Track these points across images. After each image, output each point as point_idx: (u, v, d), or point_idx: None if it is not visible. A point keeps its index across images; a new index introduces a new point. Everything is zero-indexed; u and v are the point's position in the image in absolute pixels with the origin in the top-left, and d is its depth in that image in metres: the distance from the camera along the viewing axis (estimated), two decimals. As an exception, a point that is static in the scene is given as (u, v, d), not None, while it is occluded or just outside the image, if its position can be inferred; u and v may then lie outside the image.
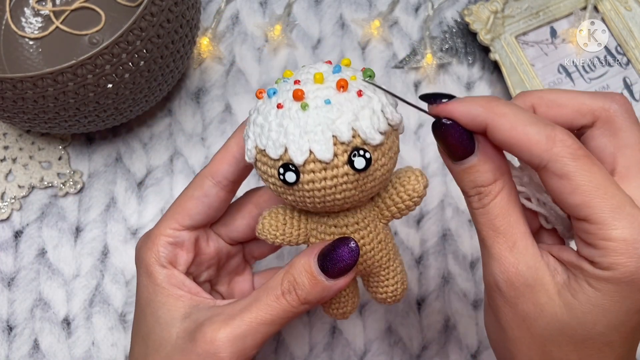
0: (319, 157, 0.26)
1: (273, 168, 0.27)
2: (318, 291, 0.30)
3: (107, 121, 0.44)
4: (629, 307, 0.25)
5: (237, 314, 0.30)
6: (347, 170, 0.27)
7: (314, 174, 0.27)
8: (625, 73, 0.51)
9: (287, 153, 0.26)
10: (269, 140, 0.27)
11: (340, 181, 0.27)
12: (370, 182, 0.28)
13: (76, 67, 0.37)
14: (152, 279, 0.33)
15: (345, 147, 0.26)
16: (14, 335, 0.45)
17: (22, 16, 0.50)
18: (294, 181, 0.27)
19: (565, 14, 0.52)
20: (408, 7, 0.53)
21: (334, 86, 0.27)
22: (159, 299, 0.32)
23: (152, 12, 0.39)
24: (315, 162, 0.26)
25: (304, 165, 0.26)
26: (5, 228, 0.47)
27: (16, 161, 0.49)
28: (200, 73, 0.51)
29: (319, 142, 0.26)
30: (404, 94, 0.51)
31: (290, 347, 0.45)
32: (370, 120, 0.27)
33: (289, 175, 0.27)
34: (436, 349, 0.46)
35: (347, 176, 0.27)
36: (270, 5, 0.53)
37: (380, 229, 0.31)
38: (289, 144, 0.26)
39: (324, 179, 0.27)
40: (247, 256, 0.39)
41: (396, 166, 0.31)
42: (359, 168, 0.26)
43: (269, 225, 0.31)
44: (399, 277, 0.33)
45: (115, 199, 0.48)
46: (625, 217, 0.24)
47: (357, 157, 0.26)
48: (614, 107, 0.27)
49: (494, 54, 0.50)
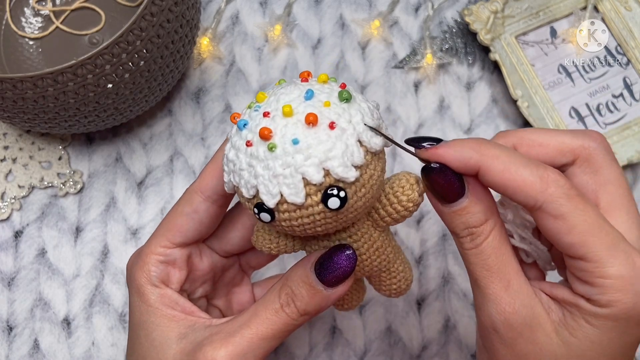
0: (290, 201, 0.25)
1: (249, 204, 0.27)
2: (317, 301, 0.29)
3: (107, 121, 0.44)
4: (626, 342, 0.25)
5: (236, 331, 0.29)
6: (322, 209, 0.25)
7: (289, 214, 0.26)
8: (625, 73, 0.51)
9: (259, 195, 0.26)
10: (241, 179, 0.26)
11: (318, 218, 0.26)
12: (351, 214, 0.27)
13: (76, 67, 0.37)
14: (144, 299, 0.32)
15: (318, 188, 0.25)
16: (14, 335, 0.45)
17: (22, 16, 0.50)
18: (269, 221, 0.26)
19: (565, 14, 0.52)
20: (408, 7, 0.53)
21: (303, 120, 0.25)
22: (152, 319, 0.31)
23: (152, 12, 0.39)
24: (288, 204, 0.25)
25: (277, 206, 0.25)
26: (5, 228, 0.47)
27: (16, 161, 0.49)
28: (200, 73, 0.51)
29: (288, 186, 0.25)
30: (404, 94, 0.51)
31: (290, 347, 0.45)
32: (343, 158, 0.25)
33: (263, 215, 0.26)
34: (436, 349, 0.46)
35: (323, 214, 0.26)
36: (270, 5, 0.53)
37: (376, 237, 0.30)
38: (259, 186, 0.25)
39: (300, 217, 0.26)
40: (244, 266, 0.38)
41: (394, 168, 0.30)
42: (333, 208, 0.25)
43: (262, 239, 0.31)
44: (402, 275, 0.33)
45: (115, 199, 0.48)
46: (621, 254, 0.24)
47: (331, 197, 0.25)
48: (593, 145, 0.27)
49: (494, 54, 0.50)
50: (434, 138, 0.28)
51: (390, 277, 0.33)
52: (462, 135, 0.50)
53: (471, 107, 0.51)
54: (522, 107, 0.49)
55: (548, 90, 0.50)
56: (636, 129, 0.49)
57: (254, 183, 0.25)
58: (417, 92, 0.51)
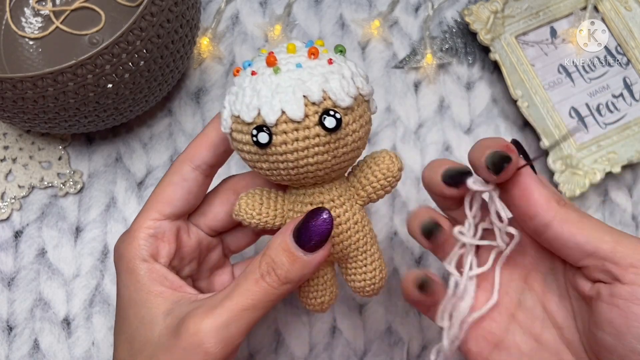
0: (291, 116, 0.27)
1: (247, 134, 0.28)
2: (298, 268, 0.29)
3: (107, 121, 0.44)
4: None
5: (218, 303, 0.29)
6: (318, 131, 0.27)
7: (286, 135, 0.27)
8: (625, 73, 0.51)
9: (260, 115, 0.27)
10: (242, 105, 0.28)
11: (312, 142, 0.28)
12: (342, 148, 0.29)
13: (76, 67, 0.37)
14: (133, 275, 0.32)
15: (316, 108, 0.27)
16: (14, 335, 0.45)
17: (22, 16, 0.50)
18: (266, 142, 0.28)
19: (565, 14, 0.52)
20: (408, 7, 0.53)
21: (306, 54, 0.28)
22: (140, 296, 0.31)
23: (152, 12, 0.39)
24: (287, 122, 0.27)
25: (277, 125, 0.27)
26: (5, 228, 0.47)
27: (16, 161, 0.49)
28: (200, 73, 0.51)
29: (289, 102, 0.27)
30: (404, 94, 0.51)
31: (290, 347, 0.45)
32: (340, 84, 0.28)
33: (261, 136, 0.27)
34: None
35: (318, 137, 0.28)
36: (270, 5, 0.53)
37: (356, 209, 0.32)
38: (261, 105, 0.27)
39: (296, 140, 0.27)
40: (225, 250, 0.39)
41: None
42: (329, 127, 0.27)
43: (245, 205, 0.32)
44: (377, 263, 0.33)
45: (115, 199, 0.48)
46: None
47: (328, 117, 0.27)
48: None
49: (494, 54, 0.50)
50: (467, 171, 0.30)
51: (365, 262, 0.33)
52: (462, 135, 0.50)
53: (471, 107, 0.51)
54: (522, 107, 0.49)
55: (548, 90, 0.50)
56: (636, 129, 0.49)
57: (256, 104, 0.28)
58: (417, 92, 0.51)
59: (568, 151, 0.48)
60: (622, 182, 0.50)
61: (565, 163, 0.48)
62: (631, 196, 0.49)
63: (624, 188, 0.50)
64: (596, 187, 0.49)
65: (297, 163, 0.28)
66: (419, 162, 0.49)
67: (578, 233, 0.28)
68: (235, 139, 0.30)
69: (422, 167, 0.49)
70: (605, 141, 0.49)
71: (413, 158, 0.49)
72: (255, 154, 0.29)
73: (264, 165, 0.29)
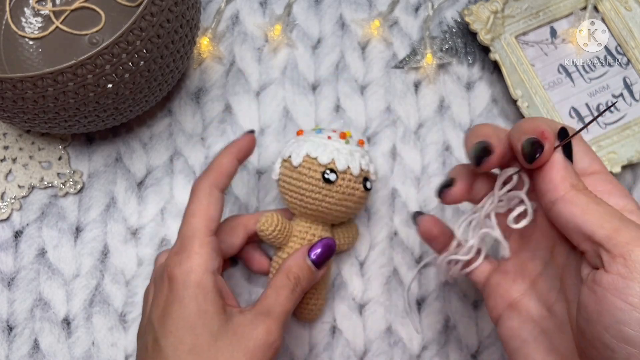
0: (351, 172, 0.41)
1: (319, 172, 0.41)
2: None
3: (107, 121, 0.44)
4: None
5: (271, 310, 0.36)
6: (359, 186, 0.41)
7: (343, 181, 0.41)
8: (625, 73, 0.51)
9: (334, 162, 0.41)
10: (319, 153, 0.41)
11: (351, 189, 0.41)
12: (361, 204, 0.43)
13: (76, 67, 0.37)
14: (206, 288, 0.35)
15: (360, 174, 0.41)
16: (14, 335, 0.45)
17: (22, 16, 0.50)
18: (334, 180, 0.40)
19: (565, 14, 0.52)
20: (408, 7, 0.53)
21: (356, 142, 0.43)
22: (211, 307, 0.34)
23: (152, 12, 0.39)
24: (348, 174, 0.41)
25: (342, 173, 0.41)
26: (5, 228, 0.47)
27: (16, 161, 0.49)
28: (200, 73, 0.51)
29: (351, 162, 0.41)
30: (404, 94, 0.51)
31: (290, 347, 0.45)
32: (374, 167, 0.43)
33: (332, 175, 0.40)
34: (436, 349, 0.46)
35: (354, 190, 0.41)
36: (270, 5, 0.53)
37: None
38: (336, 157, 0.41)
39: (347, 187, 0.41)
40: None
41: (395, 168, 0.31)
42: (367, 188, 0.42)
43: (270, 221, 0.42)
44: (323, 295, 0.44)
45: (115, 199, 0.48)
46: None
47: (367, 181, 0.42)
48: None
49: (494, 54, 0.50)
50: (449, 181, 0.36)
51: (314, 292, 0.43)
52: (462, 135, 0.50)
53: (471, 107, 0.51)
54: (522, 107, 0.49)
55: (548, 90, 0.50)
56: (636, 129, 0.49)
57: (334, 156, 0.40)
58: (417, 92, 0.51)
59: (568, 151, 0.48)
60: (622, 182, 0.50)
61: (565, 163, 0.48)
62: (631, 196, 0.49)
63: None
64: (596, 187, 0.49)
65: (339, 202, 0.41)
66: (419, 162, 0.49)
67: (580, 216, 0.28)
68: (301, 172, 0.41)
69: (422, 167, 0.49)
70: (605, 141, 0.49)
71: (413, 158, 0.49)
72: (315, 186, 0.40)
73: (316, 195, 0.41)
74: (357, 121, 0.50)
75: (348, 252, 0.47)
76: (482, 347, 0.46)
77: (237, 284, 0.47)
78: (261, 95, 0.51)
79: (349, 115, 0.50)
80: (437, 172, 0.49)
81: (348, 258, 0.47)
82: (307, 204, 0.41)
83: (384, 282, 0.47)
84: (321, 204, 0.41)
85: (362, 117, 0.50)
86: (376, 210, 0.48)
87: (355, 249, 0.47)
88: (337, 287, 0.47)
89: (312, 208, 0.41)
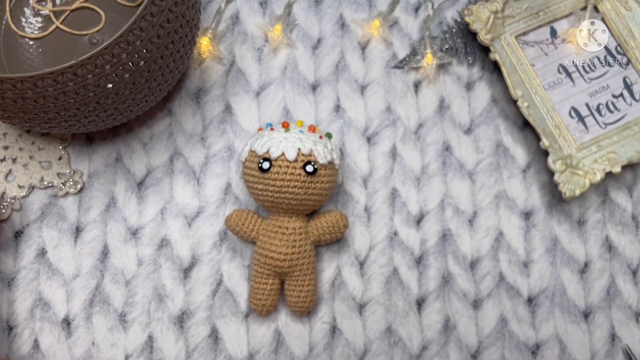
0: (287, 157, 0.42)
1: (257, 158, 0.43)
2: None
3: (107, 121, 0.44)
4: None
5: None
6: (300, 172, 0.42)
7: (280, 168, 0.42)
8: (625, 73, 0.51)
9: (269, 152, 0.43)
10: (258, 145, 0.43)
11: (294, 178, 0.42)
12: (312, 189, 0.43)
13: (76, 67, 0.37)
14: None
15: (303, 158, 0.43)
16: (14, 335, 0.45)
17: (22, 16, 0.50)
18: (267, 168, 0.42)
19: (565, 14, 0.52)
20: (408, 7, 0.53)
21: (307, 128, 0.45)
22: None
23: (152, 12, 0.39)
24: (284, 160, 0.42)
25: (277, 160, 0.42)
26: (5, 228, 0.47)
27: (16, 161, 0.49)
28: (200, 73, 0.51)
29: (288, 149, 0.42)
30: (404, 94, 0.51)
31: (290, 347, 0.46)
32: (322, 150, 0.43)
33: (265, 164, 0.42)
34: (436, 349, 0.46)
35: (299, 176, 0.42)
36: (270, 5, 0.53)
37: (308, 242, 0.45)
38: (271, 147, 0.43)
39: (285, 173, 0.42)
40: None
41: (395, 168, 0.31)
42: (308, 171, 0.42)
43: (235, 217, 0.45)
44: (312, 288, 0.44)
45: (115, 199, 0.48)
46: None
47: (309, 165, 0.42)
48: None
49: (494, 54, 0.50)
50: None
51: (302, 284, 0.44)
52: (462, 135, 0.50)
53: (471, 107, 0.51)
54: (522, 107, 0.49)
55: (548, 90, 0.50)
56: (636, 129, 0.49)
57: (268, 145, 0.43)
58: (417, 92, 0.51)
59: (568, 151, 0.48)
60: (622, 182, 0.50)
61: (565, 163, 0.48)
62: (631, 196, 0.49)
63: (624, 188, 0.50)
64: (596, 187, 0.49)
65: (281, 189, 0.42)
66: (419, 162, 0.49)
67: None
68: (246, 166, 0.44)
69: (422, 167, 0.49)
70: (605, 141, 0.49)
71: (413, 158, 0.49)
72: (256, 177, 0.43)
73: (259, 186, 0.43)
74: (357, 121, 0.50)
75: (348, 252, 0.47)
76: (482, 347, 0.46)
77: (237, 284, 0.47)
78: (261, 95, 0.51)
79: (349, 115, 0.50)
80: (437, 171, 0.49)
81: (348, 258, 0.47)
82: (258, 196, 0.44)
83: (384, 282, 0.47)
84: (267, 193, 0.43)
85: (362, 117, 0.50)
86: (376, 210, 0.48)
87: (355, 249, 0.47)
88: (337, 287, 0.47)
89: (264, 199, 0.43)
